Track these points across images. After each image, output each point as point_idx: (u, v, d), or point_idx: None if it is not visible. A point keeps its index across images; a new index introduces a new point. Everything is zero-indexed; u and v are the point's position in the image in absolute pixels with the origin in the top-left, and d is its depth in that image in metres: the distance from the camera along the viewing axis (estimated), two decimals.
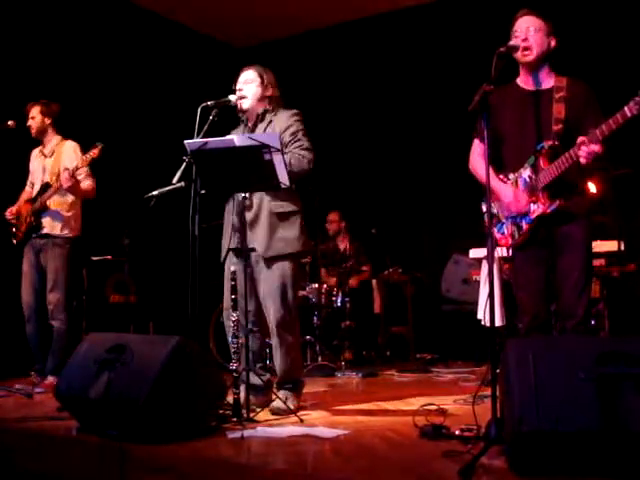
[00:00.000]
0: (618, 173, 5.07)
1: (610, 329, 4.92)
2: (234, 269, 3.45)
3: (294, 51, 7.77)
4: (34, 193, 4.77)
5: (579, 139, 2.93)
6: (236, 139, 3.31)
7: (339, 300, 6.40)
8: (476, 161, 3.34)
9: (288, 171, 3.32)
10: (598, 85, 3.22)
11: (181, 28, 7.48)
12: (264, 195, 3.62)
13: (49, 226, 4.66)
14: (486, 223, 3.10)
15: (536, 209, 3.11)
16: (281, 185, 3.33)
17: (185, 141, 3.33)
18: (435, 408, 3.32)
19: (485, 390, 3.00)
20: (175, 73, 7.23)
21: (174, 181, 3.51)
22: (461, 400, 3.80)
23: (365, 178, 7.43)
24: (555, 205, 3.07)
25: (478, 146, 3.34)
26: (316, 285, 6.27)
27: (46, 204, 4.65)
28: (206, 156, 3.33)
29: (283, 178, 3.31)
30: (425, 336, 6.69)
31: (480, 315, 4.30)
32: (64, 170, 4.50)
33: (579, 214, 3.10)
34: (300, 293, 6.18)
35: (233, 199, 3.68)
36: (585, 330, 3.07)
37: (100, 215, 5.20)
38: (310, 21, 7.45)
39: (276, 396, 3.52)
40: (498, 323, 4.22)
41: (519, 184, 3.18)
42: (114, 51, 6.68)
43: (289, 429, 3.06)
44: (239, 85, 3.72)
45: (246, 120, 3.78)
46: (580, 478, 2.15)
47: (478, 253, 4.85)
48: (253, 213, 3.59)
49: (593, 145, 2.88)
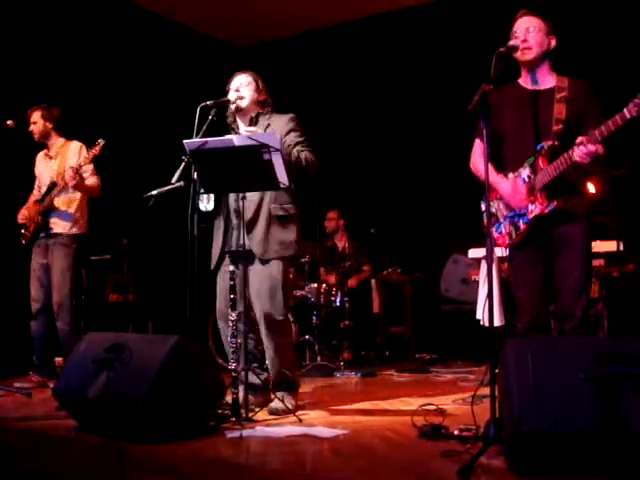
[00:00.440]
0: (617, 173, 5.07)
1: (609, 329, 4.92)
2: (232, 269, 3.45)
3: (294, 51, 7.77)
4: (41, 194, 4.81)
5: (578, 139, 2.93)
6: (235, 139, 3.31)
7: (338, 300, 6.40)
8: (477, 161, 3.34)
9: (303, 165, 3.45)
10: (600, 85, 3.21)
11: (181, 28, 7.47)
12: (262, 197, 3.61)
13: (56, 225, 4.71)
14: (485, 222, 3.10)
15: (534, 209, 3.11)
16: (280, 185, 3.33)
17: (184, 141, 3.33)
18: (434, 408, 3.32)
19: (484, 390, 3.00)
20: (175, 73, 7.22)
21: (173, 181, 3.50)
22: (460, 400, 3.80)
23: (364, 178, 7.43)
24: (553, 206, 3.06)
25: (479, 146, 3.34)
26: (315, 285, 6.27)
27: (53, 203, 4.69)
28: (205, 156, 3.33)
29: (282, 178, 3.31)
30: (424, 336, 6.68)
31: (479, 315, 4.30)
32: (68, 168, 4.53)
33: (578, 214, 3.09)
34: (299, 293, 6.20)
35: (225, 203, 3.68)
36: (584, 332, 3.07)
37: (99, 215, 5.20)
38: (310, 21, 7.45)
39: (274, 396, 3.52)
40: (497, 323, 4.21)
41: (518, 184, 3.17)
42: (115, 51, 6.67)
43: (288, 429, 3.06)
44: (235, 87, 3.72)
45: (236, 128, 3.77)
46: (579, 478, 2.15)
47: (477, 253, 4.84)
48: (251, 215, 3.58)
49: (591, 145, 2.88)
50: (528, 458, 2.20)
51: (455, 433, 2.76)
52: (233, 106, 3.69)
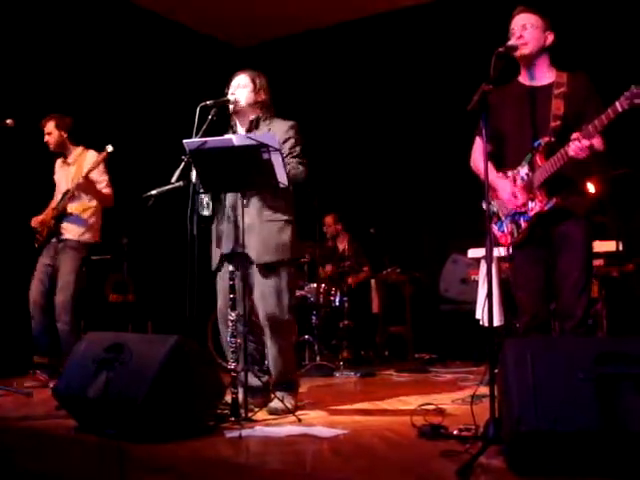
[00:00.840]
0: (617, 173, 5.07)
1: (609, 329, 4.92)
2: (232, 269, 3.45)
3: (294, 51, 7.77)
4: (57, 201, 4.89)
5: (573, 135, 2.92)
6: (235, 139, 3.31)
7: (337, 300, 6.41)
8: (477, 159, 3.33)
9: (290, 179, 3.37)
10: (602, 79, 3.19)
11: (181, 28, 7.47)
12: (259, 200, 3.60)
13: (68, 230, 4.77)
14: (485, 222, 3.10)
15: (534, 207, 3.10)
16: (280, 185, 3.33)
17: (184, 140, 3.33)
18: (433, 408, 3.32)
19: (483, 390, 3.00)
20: (175, 73, 7.22)
21: (173, 180, 3.50)
22: (459, 400, 3.80)
23: (364, 178, 7.42)
24: (552, 203, 3.06)
25: (479, 144, 3.33)
26: (314, 285, 6.27)
27: (66, 209, 4.74)
28: (205, 155, 3.33)
29: (282, 178, 3.31)
30: (423, 336, 6.69)
31: (479, 315, 4.30)
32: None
33: (578, 214, 3.08)
34: (298, 292, 6.19)
35: (224, 204, 3.68)
36: (584, 332, 3.06)
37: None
38: (310, 21, 7.44)
39: (274, 396, 3.52)
40: (497, 323, 4.22)
41: (517, 182, 3.18)
42: (114, 51, 6.67)
43: (287, 429, 3.06)
44: (232, 89, 3.72)
45: (234, 126, 3.78)
46: (579, 478, 2.15)
47: (477, 253, 4.85)
48: (248, 218, 3.55)
49: (585, 141, 2.87)
50: (527, 458, 2.20)
51: (454, 433, 2.76)
52: (231, 107, 3.69)
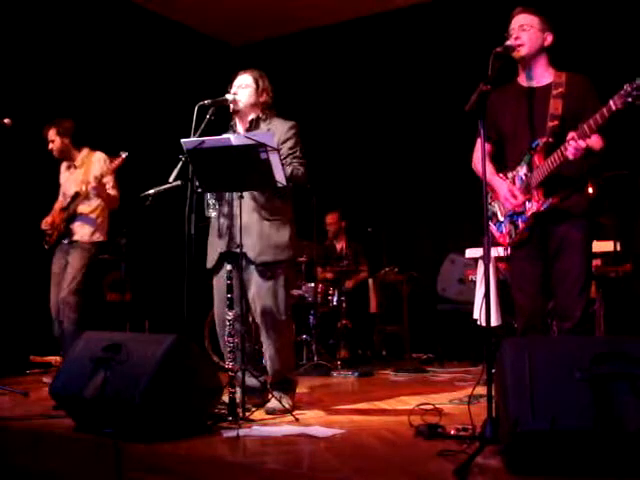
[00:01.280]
0: (614, 174, 5.08)
1: (606, 329, 4.92)
2: (229, 268, 3.44)
3: (291, 50, 7.76)
4: (65, 203, 4.89)
5: (569, 135, 2.91)
6: (233, 138, 3.31)
7: (335, 299, 6.41)
8: (479, 161, 3.33)
9: (289, 179, 3.39)
10: (602, 79, 3.18)
11: (179, 27, 7.46)
12: (258, 199, 3.60)
13: (78, 232, 4.78)
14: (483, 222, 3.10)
15: (530, 207, 3.11)
16: (278, 184, 3.33)
17: (182, 140, 3.33)
18: (431, 408, 3.31)
19: (481, 390, 3.00)
20: (173, 72, 7.21)
21: (170, 180, 3.50)
22: (456, 400, 3.80)
23: (361, 177, 7.42)
24: (548, 203, 3.06)
25: (480, 146, 3.33)
26: (312, 284, 6.27)
27: (76, 211, 4.77)
28: (203, 155, 3.32)
29: (280, 177, 3.31)
30: (421, 336, 6.69)
31: (476, 315, 4.31)
32: (92, 177, 4.63)
33: (576, 214, 3.07)
34: (296, 292, 6.18)
35: (221, 203, 3.68)
36: (582, 332, 3.06)
37: None
38: (307, 20, 7.44)
39: (272, 396, 3.52)
40: (494, 323, 4.21)
41: (516, 182, 3.18)
42: (111, 49, 6.66)
43: (285, 428, 3.07)
44: (234, 89, 3.71)
45: (235, 125, 3.77)
46: (576, 478, 2.16)
47: (474, 253, 4.85)
48: (247, 217, 3.55)
49: (581, 141, 2.87)
50: (524, 458, 2.20)
51: (452, 433, 2.76)
52: (231, 106, 3.69)
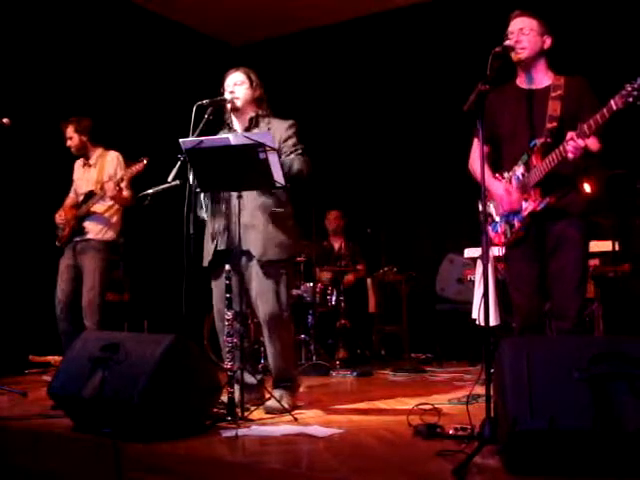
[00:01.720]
0: (612, 173, 5.08)
1: (604, 329, 4.93)
2: (228, 268, 3.44)
3: (291, 49, 7.76)
4: (79, 201, 4.89)
5: (568, 135, 2.92)
6: (231, 138, 3.31)
7: (334, 299, 6.41)
8: (474, 161, 3.34)
9: (295, 173, 3.44)
10: (600, 81, 3.19)
11: (179, 27, 7.46)
12: (259, 198, 3.60)
13: (91, 230, 4.77)
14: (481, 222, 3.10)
15: (527, 206, 3.11)
16: (276, 184, 3.33)
17: (180, 139, 3.33)
18: (429, 407, 3.32)
19: (479, 390, 3.01)
20: (173, 72, 7.21)
21: (169, 179, 3.50)
22: (455, 400, 3.80)
23: (360, 177, 7.42)
24: (545, 202, 3.06)
25: (477, 146, 3.33)
26: (311, 284, 6.27)
27: (90, 210, 4.76)
28: (201, 154, 3.32)
29: (278, 177, 3.31)
30: (420, 335, 6.69)
31: (475, 314, 4.30)
32: (109, 180, 4.63)
33: (573, 213, 3.08)
34: (295, 292, 6.18)
35: (220, 202, 3.67)
36: (579, 331, 3.06)
37: None
38: (307, 20, 7.44)
39: (271, 395, 3.52)
40: (493, 323, 4.22)
41: (513, 182, 3.18)
42: (110, 49, 6.65)
43: (283, 428, 3.06)
44: (229, 87, 3.71)
45: (231, 123, 3.77)
46: (574, 477, 2.16)
47: (473, 252, 4.85)
48: (248, 216, 3.56)
49: (581, 140, 2.87)
50: (523, 458, 2.20)
51: (450, 433, 2.76)
52: (229, 105, 3.69)
